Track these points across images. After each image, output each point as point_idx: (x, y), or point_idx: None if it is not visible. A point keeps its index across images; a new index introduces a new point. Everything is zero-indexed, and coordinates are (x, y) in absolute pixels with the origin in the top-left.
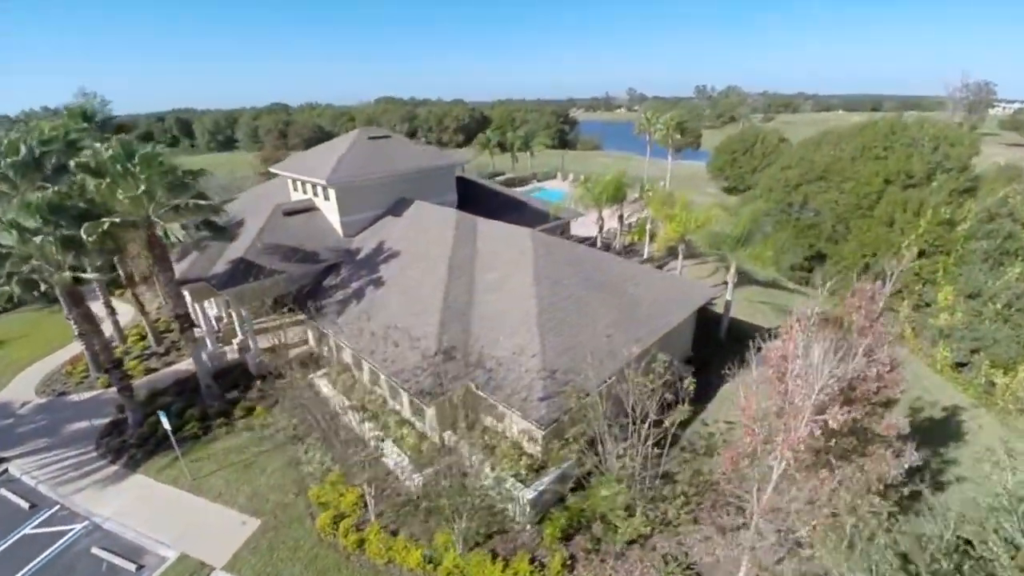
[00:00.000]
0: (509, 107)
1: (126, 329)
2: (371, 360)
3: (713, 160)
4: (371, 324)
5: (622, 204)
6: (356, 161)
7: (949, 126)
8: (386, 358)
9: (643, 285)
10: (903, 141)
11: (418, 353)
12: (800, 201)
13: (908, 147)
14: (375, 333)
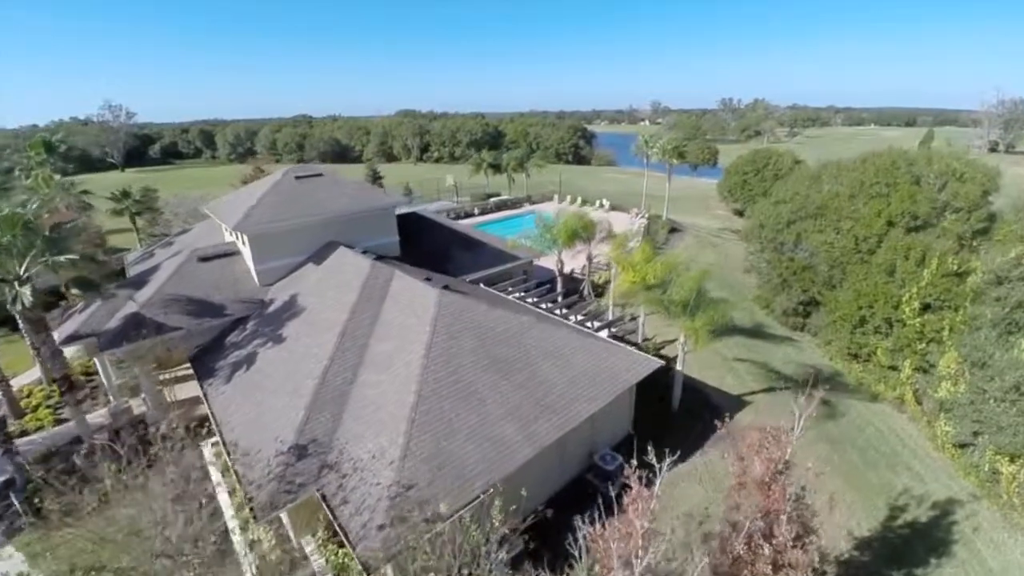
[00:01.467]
0: (524, 121)
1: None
2: (227, 446)
3: (723, 181)
4: (246, 400)
5: (590, 243)
6: (276, 204)
7: (961, 158)
8: (247, 451)
9: (563, 359)
10: (907, 178)
11: (278, 443)
12: (793, 240)
13: (913, 184)
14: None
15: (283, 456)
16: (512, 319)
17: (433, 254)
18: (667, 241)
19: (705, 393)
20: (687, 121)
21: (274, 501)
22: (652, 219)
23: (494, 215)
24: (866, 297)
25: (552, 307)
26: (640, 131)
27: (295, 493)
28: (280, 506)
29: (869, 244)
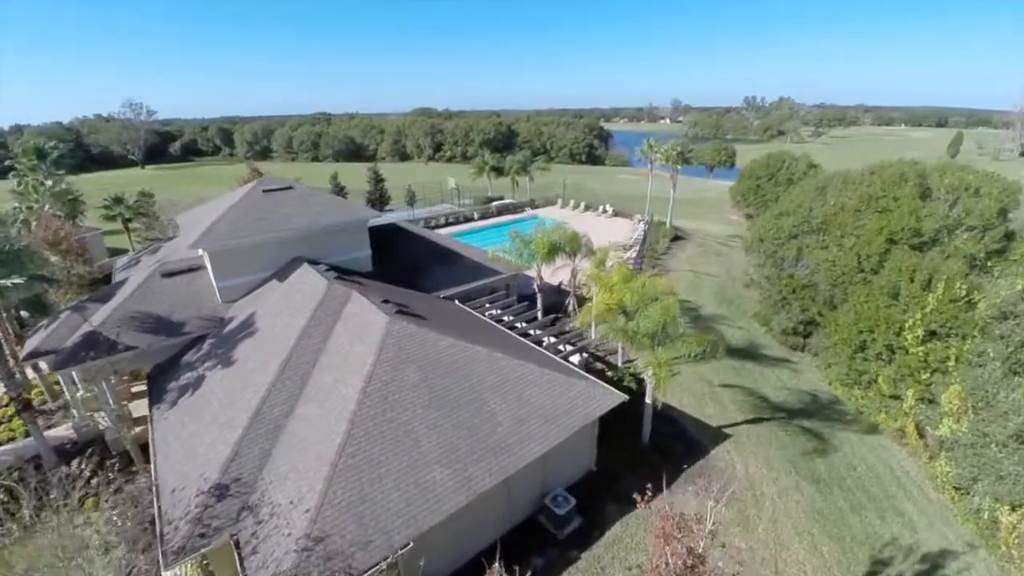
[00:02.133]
0: (538, 120)
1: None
2: (156, 478)
3: (736, 185)
4: (183, 428)
5: (575, 257)
6: (239, 219)
7: (977, 170)
8: (175, 485)
9: (515, 394)
10: (911, 192)
11: (201, 480)
12: (793, 255)
13: (918, 199)
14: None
15: (203, 496)
16: (463, 349)
17: (409, 268)
18: (668, 250)
19: (681, 425)
20: (708, 120)
21: (187, 545)
22: (655, 225)
23: (495, 220)
24: (867, 321)
25: (527, 326)
26: (656, 128)
27: (209, 538)
28: (191, 551)
29: (871, 263)
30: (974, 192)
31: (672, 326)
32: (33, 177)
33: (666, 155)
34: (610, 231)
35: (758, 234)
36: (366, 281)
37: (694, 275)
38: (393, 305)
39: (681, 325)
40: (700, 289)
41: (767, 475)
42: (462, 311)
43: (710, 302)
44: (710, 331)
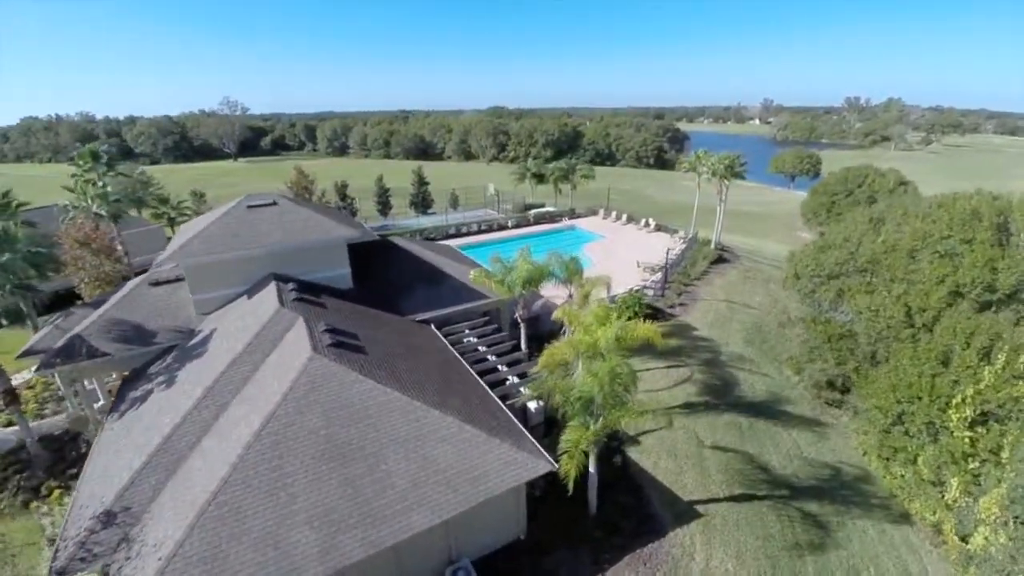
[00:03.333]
0: (608, 122)
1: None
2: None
3: (808, 200)
4: (112, 443)
5: (571, 284)
6: (215, 235)
7: None
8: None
9: (421, 451)
10: (989, 234)
11: (98, 503)
12: (831, 298)
13: (996, 246)
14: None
15: (93, 520)
16: (380, 394)
17: (391, 287)
18: (704, 274)
19: (646, 495)
20: (800, 122)
21: (67, 567)
22: (699, 244)
23: (529, 229)
24: (908, 389)
25: (496, 361)
26: (743, 130)
27: (87, 564)
28: (69, 574)
29: (924, 318)
30: None
31: (619, 392)
32: (86, 179)
33: (713, 169)
34: (645, 248)
35: (795, 268)
36: (335, 303)
37: (727, 306)
38: (331, 335)
39: (635, 385)
40: (729, 324)
41: (732, 573)
42: (428, 340)
43: (737, 340)
44: (717, 376)
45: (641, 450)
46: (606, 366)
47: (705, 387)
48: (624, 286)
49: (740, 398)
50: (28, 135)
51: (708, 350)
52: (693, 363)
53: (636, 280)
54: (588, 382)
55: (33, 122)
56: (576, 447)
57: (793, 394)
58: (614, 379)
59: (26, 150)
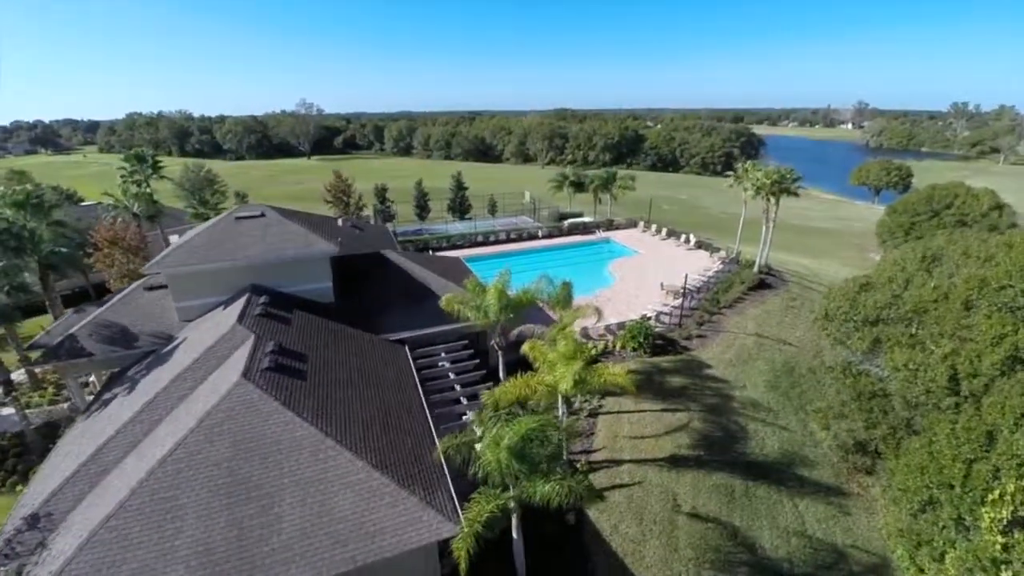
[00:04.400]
0: (675, 123)
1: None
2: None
3: (885, 220)
4: (69, 445)
5: (557, 310)
6: (198, 246)
7: None
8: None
9: (321, 498)
10: None
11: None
12: (866, 347)
13: None
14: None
15: (22, 521)
16: (294, 429)
17: (375, 303)
18: (738, 301)
19: (593, 564)
20: (897, 128)
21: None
22: (742, 266)
23: (559, 240)
24: (939, 474)
25: (461, 392)
26: (832, 135)
27: (9, 561)
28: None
29: (973, 386)
30: None
31: (537, 456)
32: (129, 181)
33: (758, 184)
34: (680, 267)
35: (826, 308)
36: (306, 319)
37: (756, 341)
38: (275, 358)
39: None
40: (753, 362)
41: None
42: (394, 363)
43: (757, 383)
44: (720, 426)
45: (604, 508)
46: (517, 429)
47: (701, 438)
48: (644, 311)
49: (742, 455)
50: (132, 129)
51: (718, 393)
52: (695, 408)
53: (659, 304)
54: (488, 455)
55: (137, 117)
56: (472, 525)
57: (814, 454)
58: (528, 444)
59: (130, 143)
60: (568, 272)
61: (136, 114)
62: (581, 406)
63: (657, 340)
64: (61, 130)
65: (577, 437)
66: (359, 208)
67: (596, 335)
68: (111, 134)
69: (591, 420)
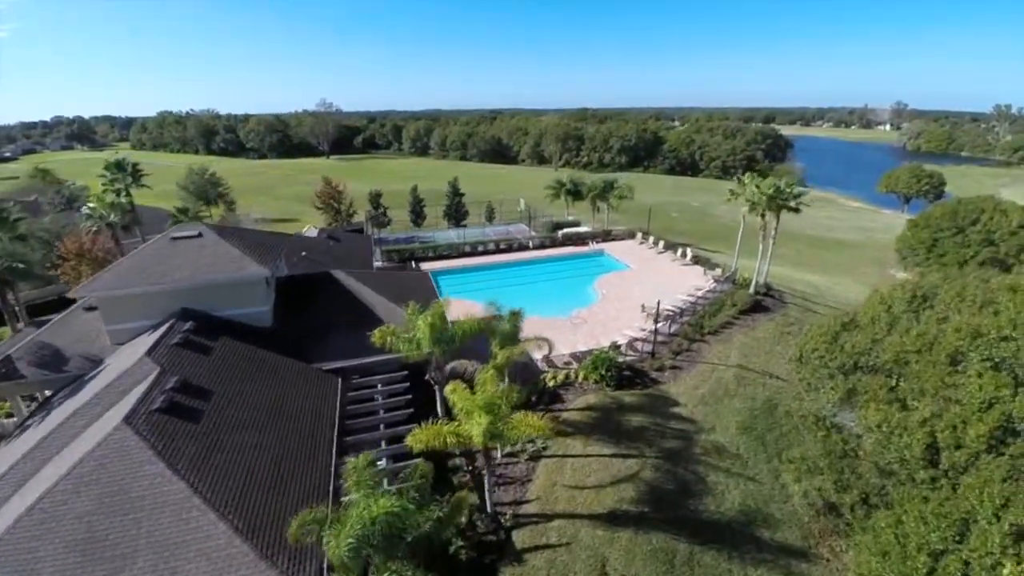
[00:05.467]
0: (699, 123)
1: None
2: None
3: (905, 235)
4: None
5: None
6: (127, 269)
7: None
8: None
9: (170, 566)
10: None
11: None
12: (839, 397)
13: None
14: None
15: None
16: (160, 485)
17: (315, 328)
18: (726, 326)
19: None
20: (936, 130)
21: None
22: (737, 285)
23: (551, 251)
24: (901, 564)
25: (383, 433)
26: (869, 136)
27: None
28: None
29: (954, 458)
30: None
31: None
32: (112, 188)
33: (753, 200)
34: (670, 285)
35: (800, 349)
36: (230, 347)
37: (737, 374)
38: (172, 395)
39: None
40: (729, 400)
41: None
42: (316, 398)
43: (729, 425)
44: (675, 477)
45: (519, 572)
46: (364, 513)
47: (650, 491)
48: (619, 336)
49: (694, 512)
50: (162, 128)
51: (681, 436)
52: (651, 453)
53: (637, 329)
54: (331, 544)
55: (167, 115)
56: None
57: (781, 512)
58: (385, 525)
59: (160, 140)
60: (552, 287)
61: (167, 112)
62: (524, 447)
63: (625, 371)
64: (98, 127)
65: (511, 484)
66: (349, 215)
67: (561, 362)
68: (143, 131)
69: (531, 464)
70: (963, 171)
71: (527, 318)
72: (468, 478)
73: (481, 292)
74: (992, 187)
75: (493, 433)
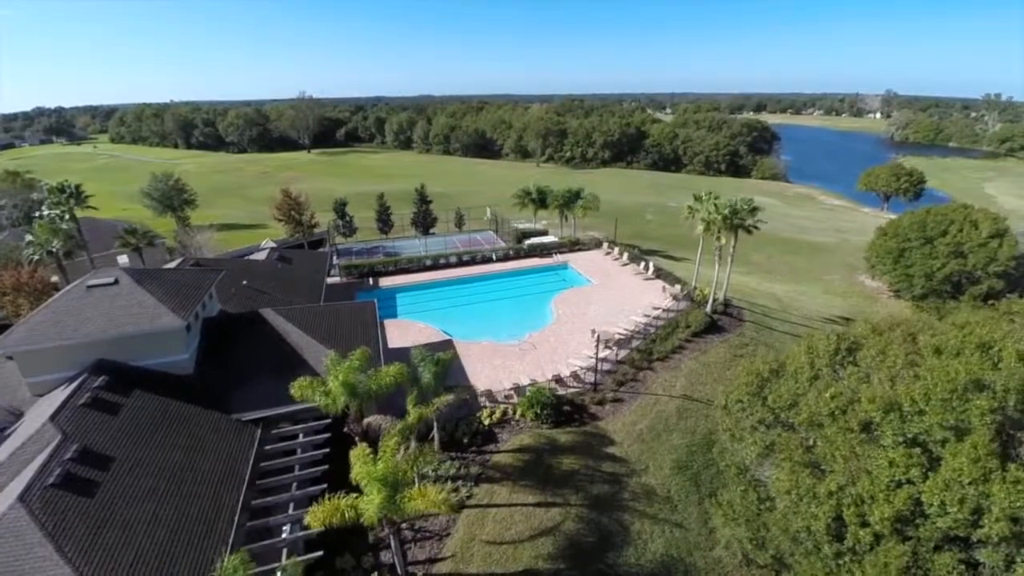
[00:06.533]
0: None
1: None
2: None
3: (874, 243)
4: None
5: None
6: (43, 321)
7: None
8: None
9: None
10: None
11: None
12: (755, 455)
13: (999, 455)
14: None
15: None
16: (50, 569)
17: (236, 375)
18: (676, 351)
19: None
20: (925, 121)
21: None
22: (696, 302)
23: (513, 264)
24: None
25: (291, 495)
26: (859, 126)
27: None
28: None
29: (858, 537)
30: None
31: None
32: (55, 213)
33: (707, 222)
34: (626, 303)
35: (726, 396)
36: (142, 402)
37: (680, 406)
38: (70, 466)
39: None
40: (667, 436)
41: None
42: (230, 454)
43: (663, 465)
44: (599, 526)
45: None
46: None
47: (569, 544)
48: (567, 364)
49: (613, 566)
50: (140, 120)
51: (612, 479)
52: (576, 501)
53: (585, 357)
54: None
55: (146, 108)
56: None
57: (704, 561)
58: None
59: (138, 134)
60: (510, 306)
61: (146, 105)
62: (447, 496)
63: (564, 406)
64: (78, 118)
65: (428, 539)
66: (311, 226)
67: (503, 395)
68: (121, 124)
69: (452, 516)
70: (948, 164)
71: (479, 342)
72: (385, 532)
73: (439, 312)
74: (976, 181)
75: (388, 510)
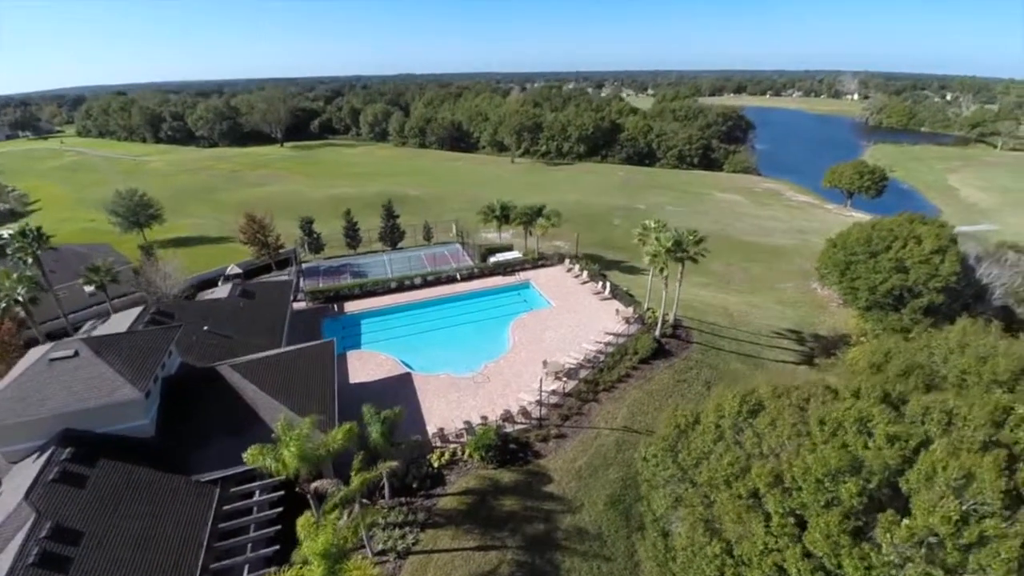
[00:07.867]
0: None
1: None
2: None
3: (823, 254)
4: None
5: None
6: (7, 398)
7: None
8: None
9: None
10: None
11: None
12: (664, 509)
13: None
14: None
15: None
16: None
17: (196, 434)
18: (621, 380)
19: None
20: (898, 105)
21: None
22: (647, 324)
23: (476, 284)
24: None
25: (245, 557)
26: (838, 109)
27: None
28: None
29: None
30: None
31: None
32: (13, 262)
33: (653, 254)
34: (581, 329)
35: (644, 449)
36: (108, 471)
37: (619, 439)
38: (47, 544)
39: None
40: (605, 472)
41: None
42: (188, 517)
43: (599, 500)
44: (533, 568)
45: None
46: None
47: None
48: (518, 396)
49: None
50: (107, 114)
51: (548, 519)
52: (513, 543)
53: (535, 390)
54: None
55: (112, 99)
56: None
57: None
58: None
59: (105, 127)
60: (469, 333)
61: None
62: (393, 544)
63: (511, 444)
64: (45, 108)
65: None
66: (277, 247)
67: (455, 434)
68: (87, 117)
69: (399, 563)
70: (917, 153)
71: (437, 375)
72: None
73: (401, 341)
74: (941, 172)
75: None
